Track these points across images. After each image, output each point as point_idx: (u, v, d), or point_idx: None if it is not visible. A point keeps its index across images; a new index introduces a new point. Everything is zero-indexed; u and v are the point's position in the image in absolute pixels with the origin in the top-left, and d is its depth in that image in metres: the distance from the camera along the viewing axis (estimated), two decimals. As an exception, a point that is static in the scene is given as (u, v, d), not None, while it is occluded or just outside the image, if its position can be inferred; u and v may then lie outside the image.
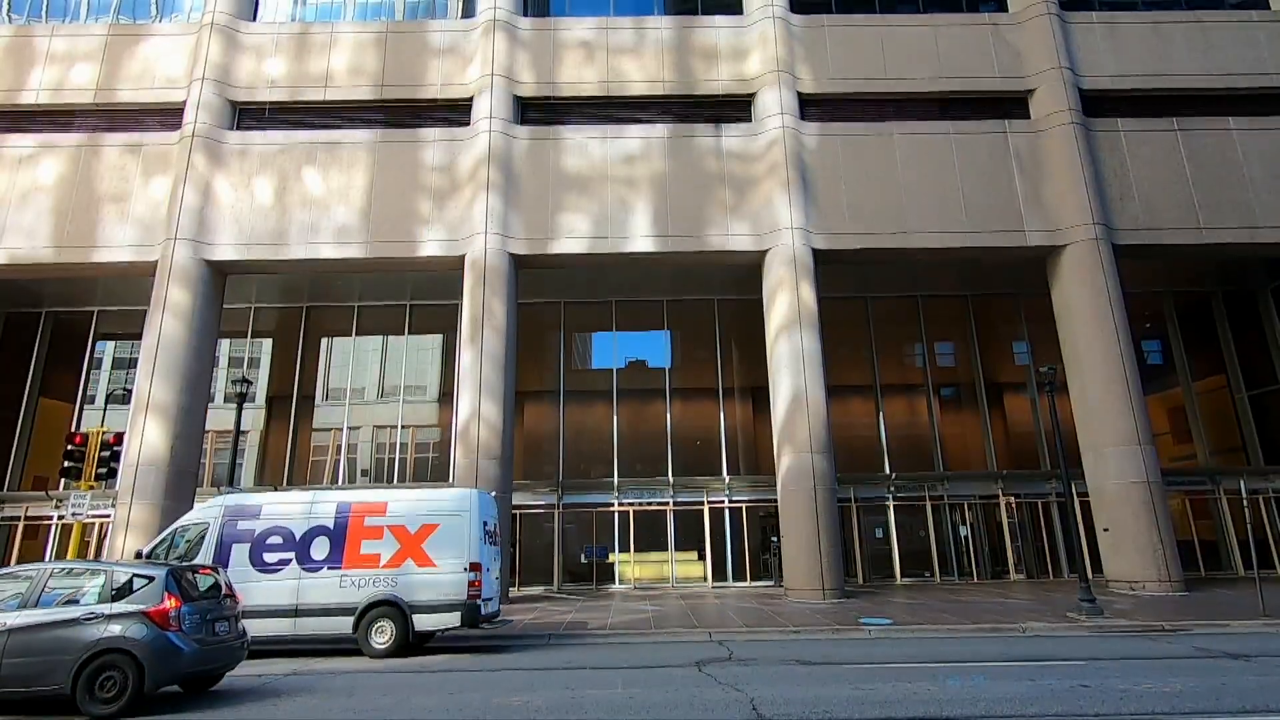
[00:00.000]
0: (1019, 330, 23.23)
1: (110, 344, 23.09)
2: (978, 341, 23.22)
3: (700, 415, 22.51)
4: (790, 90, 19.43)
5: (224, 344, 22.18)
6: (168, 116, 19.65)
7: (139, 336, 19.29)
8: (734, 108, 20.10)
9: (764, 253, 18.61)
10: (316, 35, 20.40)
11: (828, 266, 18.98)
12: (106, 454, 14.51)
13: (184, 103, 19.38)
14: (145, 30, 20.59)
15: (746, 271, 19.58)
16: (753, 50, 20.16)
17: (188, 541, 11.15)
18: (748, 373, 22.34)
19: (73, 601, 7.27)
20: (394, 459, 21.87)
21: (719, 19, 20.69)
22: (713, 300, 23.02)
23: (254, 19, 21.00)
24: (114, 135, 19.42)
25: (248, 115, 19.92)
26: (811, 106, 19.82)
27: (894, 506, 21.13)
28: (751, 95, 19.92)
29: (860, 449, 21.94)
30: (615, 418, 22.01)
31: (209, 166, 18.81)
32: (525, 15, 20.80)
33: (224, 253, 18.38)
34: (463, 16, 21.26)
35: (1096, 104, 19.96)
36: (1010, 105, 20.12)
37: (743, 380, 22.78)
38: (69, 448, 14.38)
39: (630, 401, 22.55)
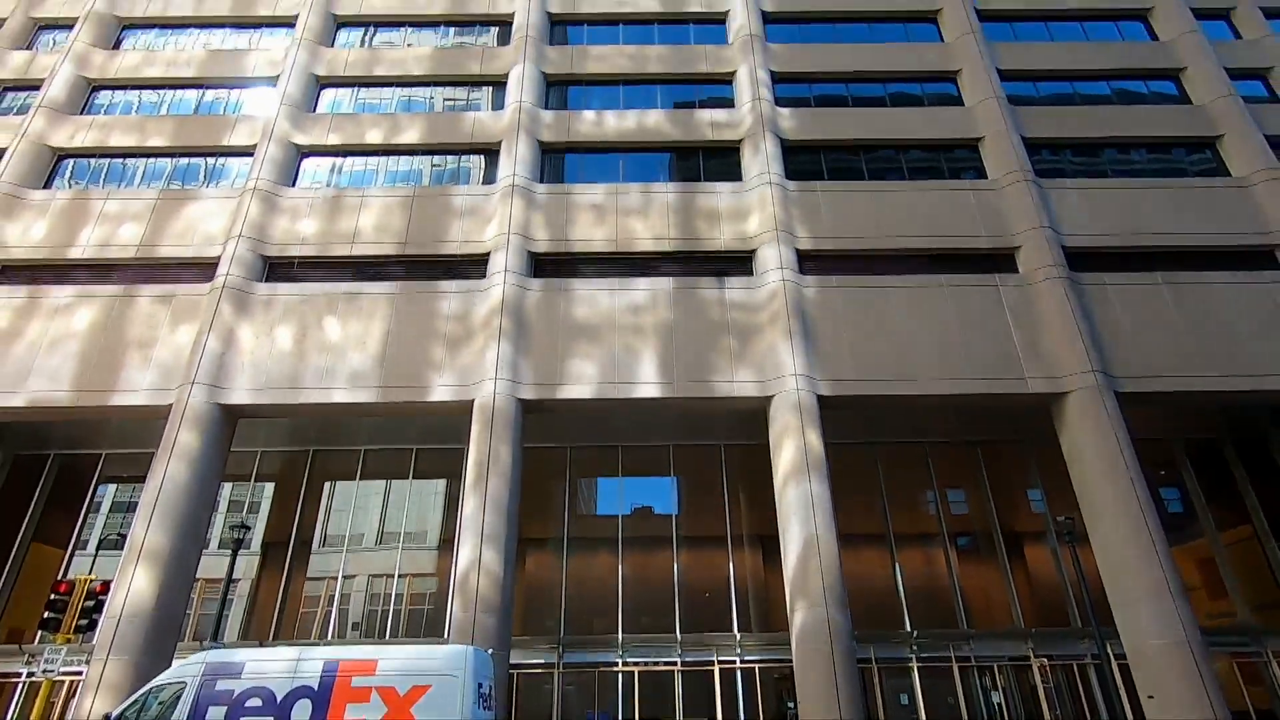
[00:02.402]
0: (1032, 477, 22.84)
1: (111, 487, 22.89)
2: (990, 489, 22.74)
3: (709, 565, 21.64)
4: (789, 247, 20.64)
5: (225, 488, 21.97)
6: (202, 269, 20.87)
7: (142, 479, 19.16)
8: (736, 262, 21.26)
9: (769, 399, 18.84)
10: (349, 199, 22.13)
11: (833, 412, 19.11)
12: (90, 604, 13.95)
13: (219, 257, 20.66)
14: (192, 195, 22.40)
15: (752, 417, 19.71)
16: (752, 211, 21.65)
17: (161, 704, 10.44)
18: (757, 520, 21.76)
19: (29, 773, 6.68)
20: (388, 611, 20.83)
21: (719, 185, 22.43)
22: (719, 446, 22.93)
23: (293, 185, 22.90)
24: (149, 286, 20.52)
25: (278, 268, 21.15)
26: (809, 261, 20.94)
27: (918, 668, 19.65)
28: (752, 251, 21.13)
29: (877, 603, 20.82)
30: (620, 567, 21.17)
31: (235, 315, 19.69)
32: (541, 181, 22.65)
33: (239, 396, 18.74)
34: (484, 183, 23.13)
35: (1081, 259, 21.00)
36: (999, 260, 21.20)
37: (752, 528, 22.13)
38: (52, 596, 13.86)
39: (636, 550, 21.79)
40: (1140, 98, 25.06)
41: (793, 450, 17.86)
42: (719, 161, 23.53)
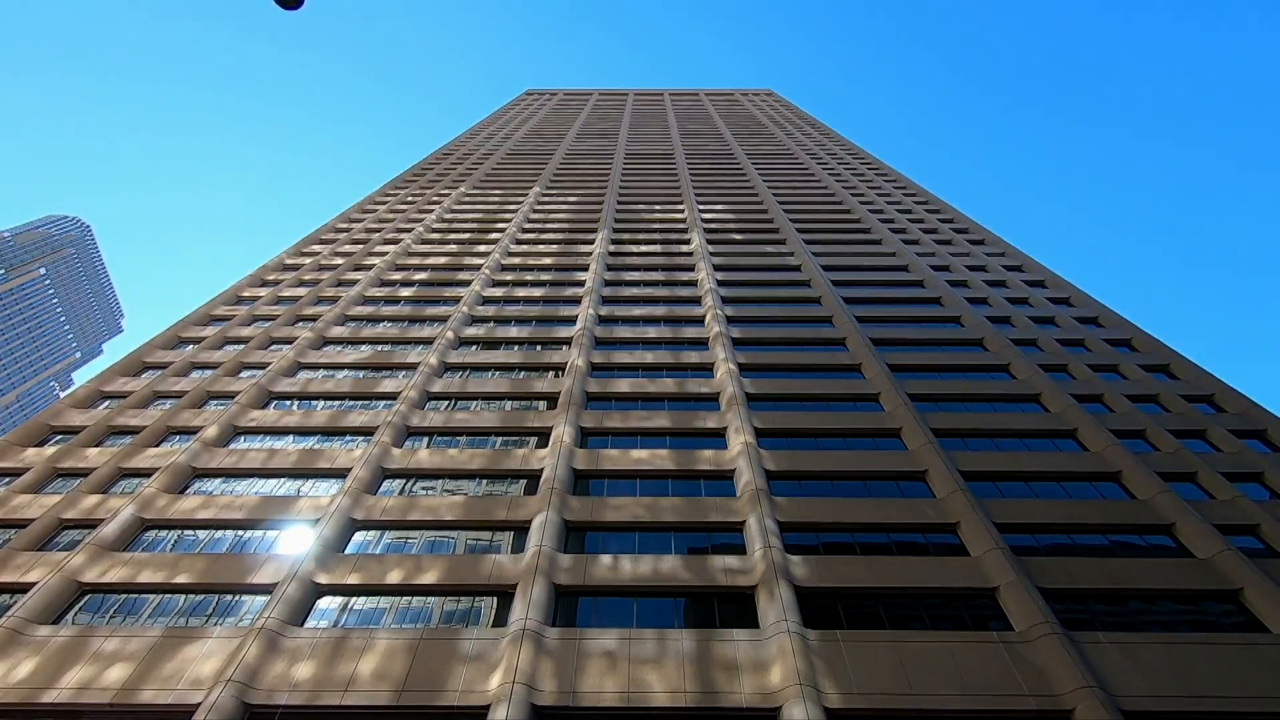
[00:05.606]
0: None
1: None
2: None
3: None
4: (817, 705, 18.82)
5: None
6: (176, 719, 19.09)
7: None
8: (760, 723, 19.16)
9: None
10: (354, 640, 21.43)
11: None
12: None
13: (198, 705, 19.09)
14: (196, 634, 21.87)
15: None
16: (773, 663, 20.43)
17: None
18: None
19: None
20: None
21: (737, 633, 21.67)
22: None
23: (302, 624, 22.49)
24: (109, 739, 18.54)
25: (258, 719, 19.28)
26: (842, 723, 18.85)
27: None
28: (777, 709, 19.23)
29: None
30: None
31: (190, 778, 17.22)
32: (553, 625, 22.11)
33: None
34: (494, 625, 22.60)
35: (1148, 726, 18.78)
36: (1055, 726, 18.98)
37: None
38: None
39: None
40: (1140, 550, 25.73)
41: None
42: (735, 607, 23.24)
